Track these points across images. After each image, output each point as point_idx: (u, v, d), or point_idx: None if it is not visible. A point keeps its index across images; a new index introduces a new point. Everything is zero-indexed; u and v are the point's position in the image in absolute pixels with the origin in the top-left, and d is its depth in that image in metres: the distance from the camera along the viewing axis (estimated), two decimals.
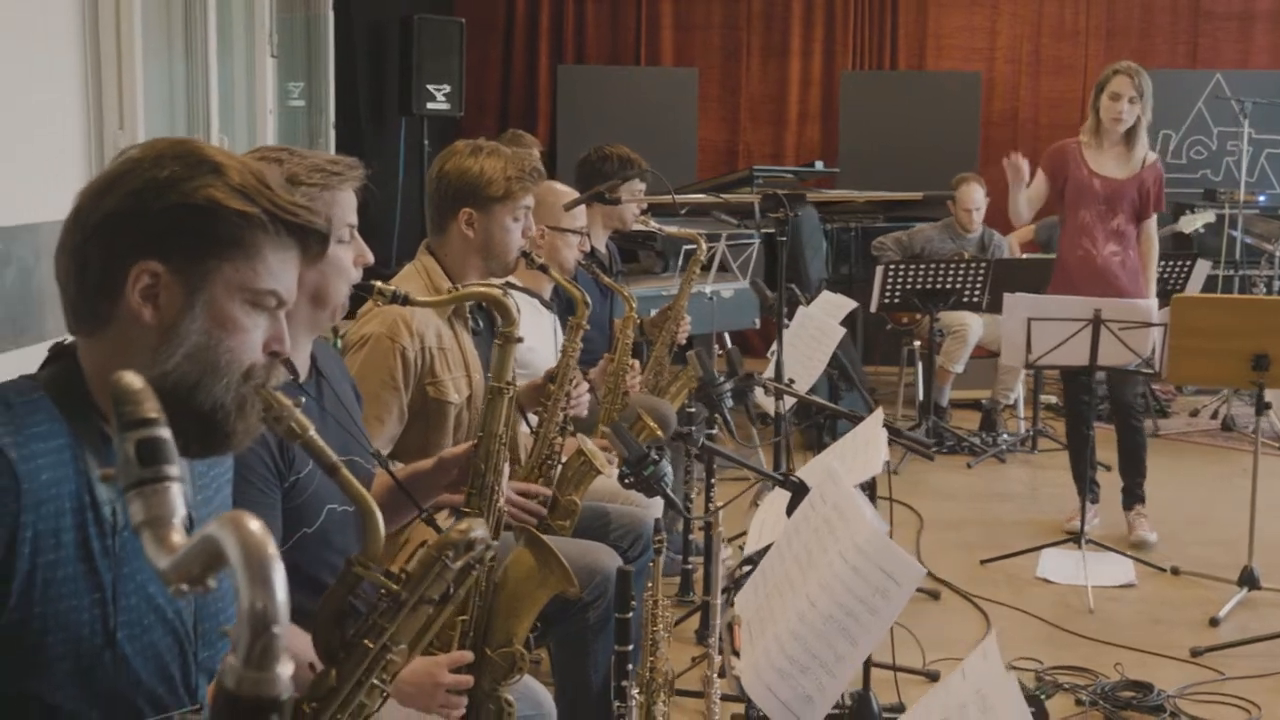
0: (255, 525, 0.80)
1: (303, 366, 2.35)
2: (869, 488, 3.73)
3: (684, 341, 4.97)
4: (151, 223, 1.45)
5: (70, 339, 1.53)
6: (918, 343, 7.26)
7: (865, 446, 3.09)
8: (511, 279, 3.94)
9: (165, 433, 0.94)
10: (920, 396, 7.18)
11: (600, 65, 9.57)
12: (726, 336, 6.49)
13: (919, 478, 6.45)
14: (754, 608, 2.39)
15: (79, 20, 4.69)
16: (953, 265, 6.83)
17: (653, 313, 5.01)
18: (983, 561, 5.20)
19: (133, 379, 0.97)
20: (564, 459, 3.31)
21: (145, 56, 5.05)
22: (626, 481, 2.63)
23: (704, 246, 4.88)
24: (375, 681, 1.51)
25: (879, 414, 3.13)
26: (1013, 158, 5.46)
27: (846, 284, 7.79)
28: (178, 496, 0.92)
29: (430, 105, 7.92)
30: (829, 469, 2.48)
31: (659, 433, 3.58)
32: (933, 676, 4.00)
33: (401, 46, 7.89)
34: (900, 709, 3.73)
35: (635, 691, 2.54)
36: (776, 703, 2.11)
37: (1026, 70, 9.49)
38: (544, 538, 2.53)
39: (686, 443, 2.83)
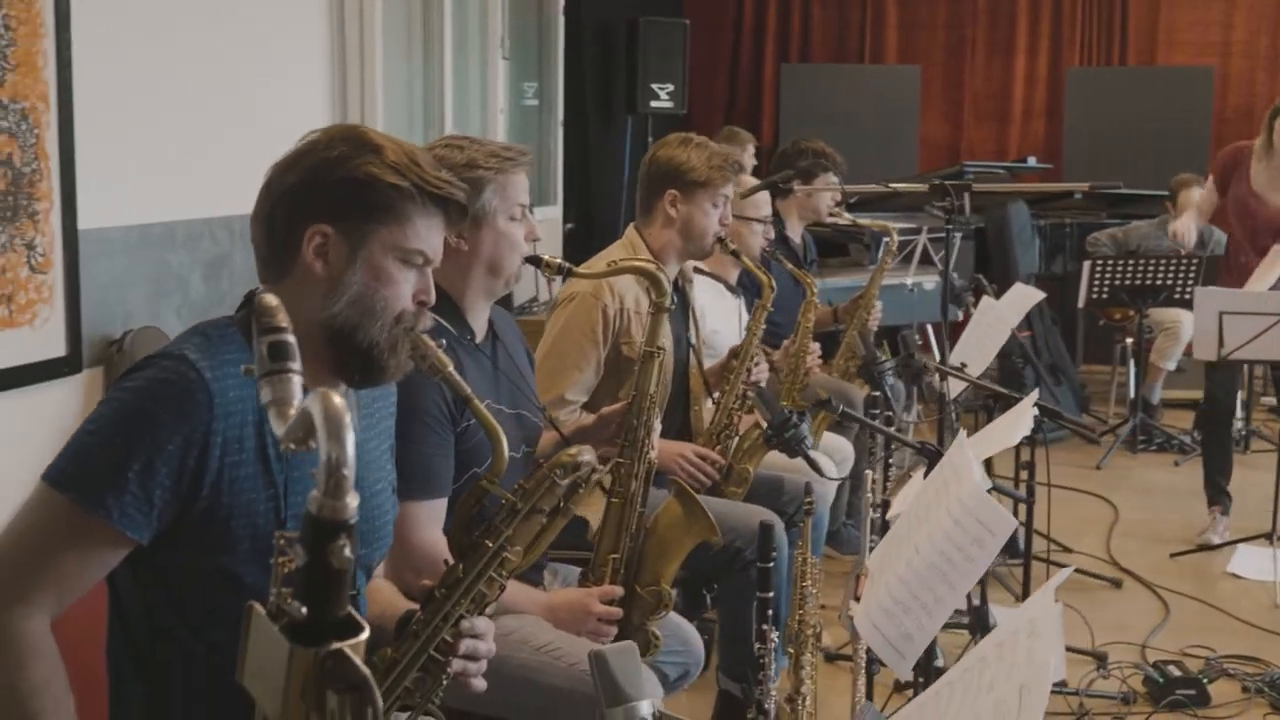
0: (336, 399, 1.09)
1: (480, 329, 2.67)
2: (1028, 469, 3.88)
3: (875, 328, 5.17)
4: (323, 193, 1.78)
5: (260, 288, 1.88)
6: (1129, 340, 7.22)
7: (1014, 423, 3.26)
8: (699, 264, 4.24)
9: (290, 338, 1.24)
10: (1131, 394, 7.16)
11: (824, 64, 9.75)
12: (929, 328, 6.61)
13: (1121, 474, 6.47)
14: (878, 560, 2.61)
15: (326, 26, 5.17)
16: (1163, 261, 6.79)
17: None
18: (1173, 555, 5.22)
19: (271, 298, 1.28)
20: (742, 431, 3.59)
21: (385, 59, 5.52)
22: (771, 442, 2.88)
23: (895, 238, 5.06)
24: (493, 575, 1.82)
25: (1034, 395, 3.30)
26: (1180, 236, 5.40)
27: (1060, 280, 7.79)
28: (297, 384, 1.21)
29: (654, 104, 8.25)
30: (959, 438, 2.68)
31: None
32: (1100, 658, 4.09)
33: (628, 47, 8.25)
34: (1061, 684, 3.86)
35: (774, 635, 2.76)
36: (881, 639, 2.33)
37: (1263, 65, 9.21)
38: (693, 492, 2.81)
39: (826, 409, 3.05)
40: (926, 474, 2.81)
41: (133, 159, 3.99)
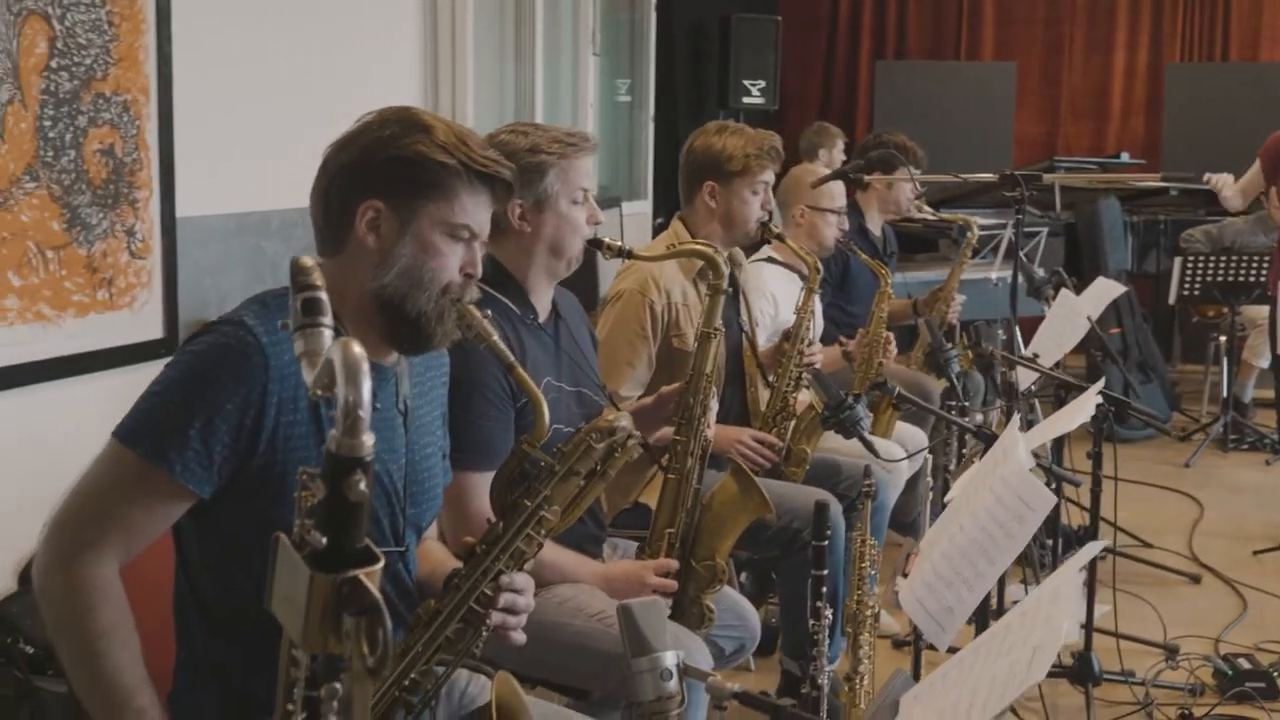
0: (356, 348, 1.18)
1: (544, 310, 2.76)
2: (1095, 460, 3.88)
3: (955, 322, 5.19)
4: (375, 170, 1.90)
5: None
6: (1223, 338, 7.13)
7: (1074, 411, 3.28)
8: (773, 255, 4.30)
9: (323, 295, 1.33)
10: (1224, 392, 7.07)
11: (919, 60, 9.72)
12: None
13: (1210, 472, 6.40)
14: (929, 539, 2.66)
15: (419, 20, 5.32)
16: (1255, 257, 6.70)
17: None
18: (1255, 552, 5.17)
19: (306, 260, 1.38)
20: (798, 413, 3.65)
21: (477, 54, 5.65)
22: (827, 423, 2.95)
23: (975, 232, 5.08)
24: (530, 533, 1.92)
25: (1099, 384, 3.32)
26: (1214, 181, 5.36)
27: (1153, 277, 7.71)
28: (327, 337, 1.31)
29: (746, 100, 8.31)
30: (1012, 422, 2.73)
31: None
32: (1171, 650, 4.07)
33: (720, 43, 8.32)
34: (1129, 674, 3.86)
35: (828, 613, 2.82)
36: (924, 613, 2.38)
37: None
38: (748, 471, 2.88)
39: (882, 390, 3.10)
40: (982, 455, 2.85)
41: (230, 150, 4.16)
